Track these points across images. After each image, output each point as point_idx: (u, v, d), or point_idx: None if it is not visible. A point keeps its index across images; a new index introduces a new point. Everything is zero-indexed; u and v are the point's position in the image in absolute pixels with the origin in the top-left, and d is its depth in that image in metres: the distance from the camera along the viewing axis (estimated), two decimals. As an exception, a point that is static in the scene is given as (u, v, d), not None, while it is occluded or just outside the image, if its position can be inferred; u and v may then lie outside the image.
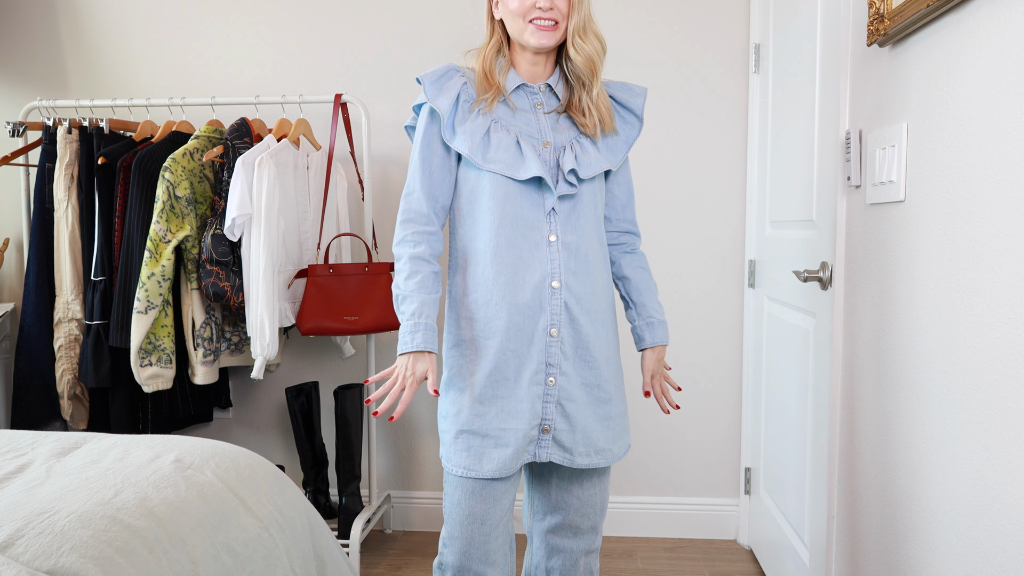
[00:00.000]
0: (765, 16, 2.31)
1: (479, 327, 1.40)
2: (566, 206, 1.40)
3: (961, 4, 1.08)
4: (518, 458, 1.38)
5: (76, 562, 1.04)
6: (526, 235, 1.38)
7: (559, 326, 1.39)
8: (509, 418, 1.37)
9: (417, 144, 1.42)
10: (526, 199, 1.39)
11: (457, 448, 1.40)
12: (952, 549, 1.12)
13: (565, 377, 1.39)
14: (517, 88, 1.44)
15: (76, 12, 2.71)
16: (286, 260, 2.30)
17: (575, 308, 1.40)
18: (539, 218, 1.39)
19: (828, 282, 1.69)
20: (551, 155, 1.41)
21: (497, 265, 1.38)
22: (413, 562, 2.44)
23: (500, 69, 1.43)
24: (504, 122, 1.40)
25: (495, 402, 1.38)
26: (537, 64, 1.44)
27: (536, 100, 1.44)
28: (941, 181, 1.16)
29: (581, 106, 1.43)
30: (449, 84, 1.40)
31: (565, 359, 1.39)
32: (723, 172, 2.50)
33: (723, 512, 2.58)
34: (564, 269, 1.39)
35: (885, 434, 1.37)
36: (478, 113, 1.39)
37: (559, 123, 1.44)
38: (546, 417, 1.39)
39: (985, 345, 1.03)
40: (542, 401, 1.39)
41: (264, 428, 2.74)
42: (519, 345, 1.38)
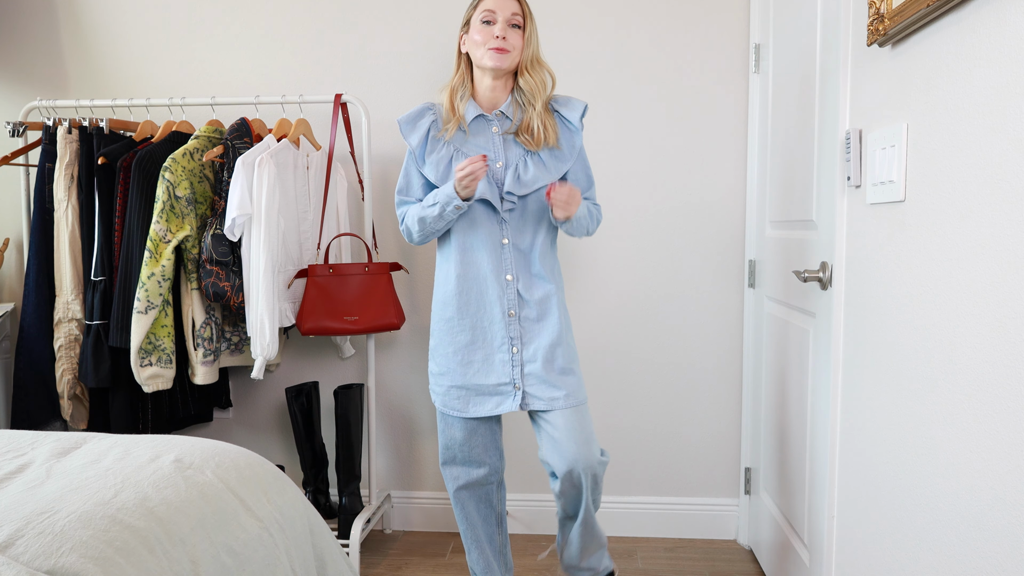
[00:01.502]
0: (765, 16, 2.31)
1: (456, 310, 1.81)
2: (514, 215, 1.80)
3: (961, 4, 1.08)
4: (497, 406, 1.82)
5: (76, 562, 1.04)
6: (485, 240, 1.79)
7: (515, 308, 1.80)
8: (484, 377, 1.81)
9: (405, 162, 1.86)
10: (483, 212, 1.78)
11: (450, 397, 1.85)
12: (952, 549, 1.12)
13: (524, 347, 1.80)
14: (476, 118, 1.81)
15: (76, 12, 2.71)
16: (286, 260, 2.30)
17: (525, 293, 1.80)
18: (494, 226, 1.79)
19: (828, 282, 1.69)
20: (502, 173, 1.78)
21: (465, 263, 1.80)
22: (413, 562, 2.44)
23: (462, 97, 1.80)
24: (463, 148, 1.79)
25: (473, 365, 1.81)
26: (495, 89, 1.80)
27: (492, 125, 1.81)
28: (941, 181, 1.16)
29: (531, 126, 1.78)
30: (420, 123, 1.81)
31: (524, 332, 1.80)
32: (723, 172, 2.50)
33: (723, 512, 2.58)
34: (515, 265, 1.80)
35: (885, 434, 1.37)
36: (442, 143, 1.79)
37: (511, 143, 1.81)
38: (515, 377, 1.80)
39: (985, 345, 1.03)
40: (510, 365, 1.80)
41: (264, 428, 2.74)
42: (488, 323, 1.81)
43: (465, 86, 1.80)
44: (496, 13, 1.73)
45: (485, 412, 1.83)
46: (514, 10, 1.74)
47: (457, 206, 1.70)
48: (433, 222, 1.75)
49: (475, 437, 1.88)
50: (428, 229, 1.78)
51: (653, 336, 2.57)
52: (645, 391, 2.59)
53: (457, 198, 1.68)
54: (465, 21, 1.79)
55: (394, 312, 2.34)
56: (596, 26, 2.50)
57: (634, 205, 2.53)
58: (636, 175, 2.52)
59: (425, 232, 1.79)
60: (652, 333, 2.57)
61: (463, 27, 1.80)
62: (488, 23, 1.74)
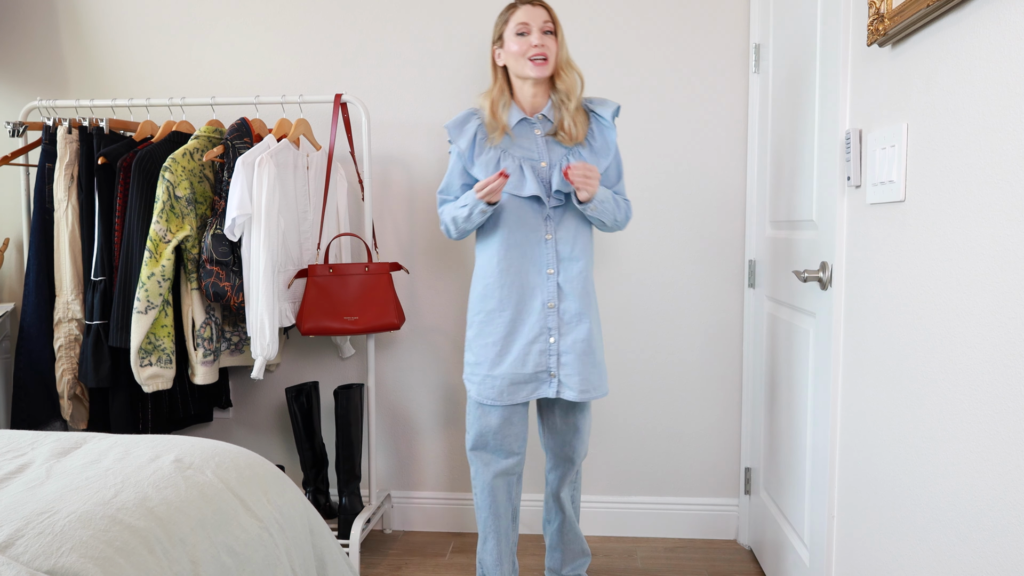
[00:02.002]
0: (765, 16, 2.31)
1: (498, 301, 1.89)
2: (558, 211, 1.89)
3: (961, 4, 1.08)
4: (532, 391, 1.90)
5: (76, 562, 1.04)
6: (529, 235, 1.88)
7: (555, 300, 1.88)
8: (522, 366, 1.88)
9: (450, 164, 1.96)
10: (529, 208, 1.87)
11: (485, 387, 1.91)
12: (952, 549, 1.12)
13: (561, 337, 1.89)
14: (520, 122, 1.91)
15: (76, 12, 2.71)
16: (286, 260, 2.30)
17: (565, 287, 1.89)
18: (539, 222, 1.88)
19: (828, 282, 1.69)
20: (547, 172, 1.88)
21: (509, 257, 1.88)
22: (413, 562, 2.44)
23: (503, 106, 1.89)
24: (510, 151, 1.89)
25: (511, 354, 1.89)
26: (537, 95, 1.90)
27: (535, 128, 1.91)
28: (941, 181, 1.16)
29: (565, 125, 1.88)
30: (466, 128, 1.90)
31: (561, 323, 1.89)
32: (723, 172, 2.50)
33: (723, 512, 2.58)
34: (556, 259, 1.89)
35: (885, 434, 1.37)
36: (489, 147, 1.89)
37: (552, 144, 1.90)
38: (550, 366, 1.89)
39: (985, 345, 1.03)
40: (545, 355, 1.89)
41: (264, 428, 2.74)
42: (526, 315, 1.89)
43: (505, 96, 1.90)
44: (529, 24, 1.83)
45: (521, 398, 1.90)
46: (545, 18, 1.84)
47: (482, 210, 1.82)
48: (464, 222, 1.86)
49: (509, 426, 1.94)
50: (461, 227, 1.89)
51: (653, 336, 2.57)
52: (645, 391, 2.58)
53: (482, 204, 1.81)
54: (498, 36, 1.89)
55: (394, 312, 2.34)
56: (596, 26, 2.50)
57: (634, 205, 2.53)
58: (636, 175, 2.52)
59: (459, 229, 1.90)
60: (652, 333, 2.57)
61: (496, 42, 1.89)
62: (523, 34, 1.83)
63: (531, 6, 1.85)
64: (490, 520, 2.01)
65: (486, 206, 1.81)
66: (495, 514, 2.00)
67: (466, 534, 2.66)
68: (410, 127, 2.60)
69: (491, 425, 1.93)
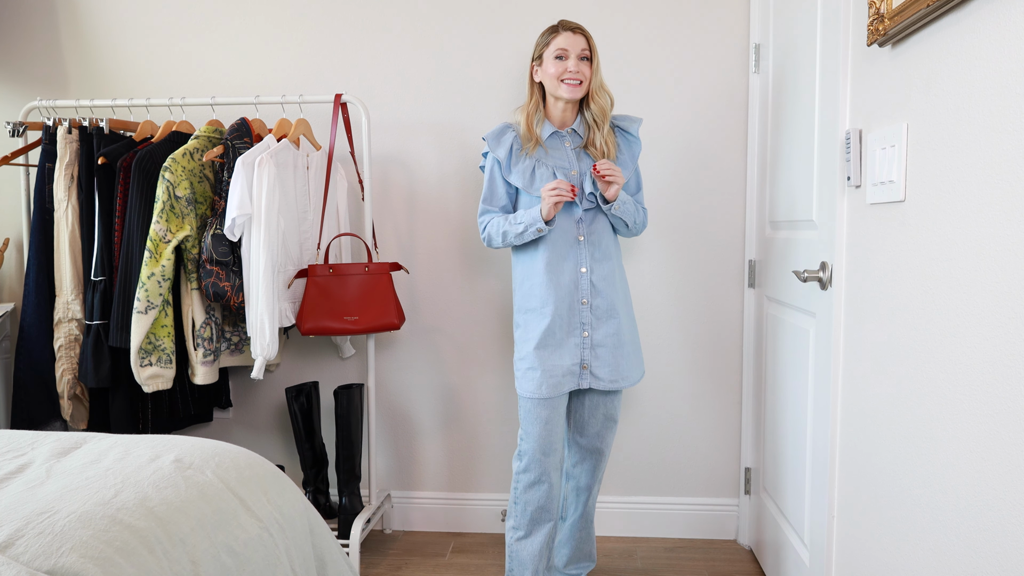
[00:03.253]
0: (765, 16, 2.31)
1: (536, 301, 2.01)
2: (589, 215, 2.01)
3: (961, 4, 1.08)
4: (567, 385, 2.00)
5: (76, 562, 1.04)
6: (563, 237, 2.00)
7: (588, 297, 2.01)
8: (559, 359, 1.99)
9: (487, 175, 2.08)
10: (562, 212, 2.00)
11: (527, 379, 2.01)
12: (952, 549, 1.12)
13: (594, 330, 2.01)
14: (551, 135, 2.05)
15: (76, 12, 2.71)
16: (286, 260, 2.30)
17: (599, 284, 2.01)
18: (571, 225, 2.01)
19: (828, 282, 1.69)
20: (578, 179, 2.01)
21: (546, 258, 2.00)
22: (413, 562, 2.44)
23: (537, 121, 2.04)
24: (544, 160, 2.02)
25: (548, 348, 1.99)
26: (567, 112, 2.05)
27: (565, 140, 2.05)
28: (941, 181, 1.16)
29: (596, 143, 2.03)
30: (504, 139, 2.04)
31: (595, 318, 2.01)
32: (723, 172, 2.50)
33: (723, 512, 2.58)
34: (589, 258, 2.01)
35: (885, 434, 1.37)
36: (525, 156, 2.03)
37: (581, 155, 2.05)
38: (584, 358, 2.01)
39: (985, 345, 1.03)
40: (580, 348, 2.00)
41: (264, 428, 2.74)
42: (563, 311, 2.00)
43: (539, 111, 2.05)
44: (568, 50, 1.97)
45: (563, 390, 2.00)
46: (583, 46, 1.98)
47: (539, 229, 1.94)
48: (516, 237, 1.99)
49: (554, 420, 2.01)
50: (509, 241, 2.02)
51: (653, 335, 2.57)
52: (645, 390, 2.58)
53: (541, 221, 1.93)
54: (538, 55, 2.02)
55: (394, 312, 2.34)
56: (595, 26, 2.49)
57: (634, 205, 2.53)
58: (636, 175, 2.52)
59: (506, 242, 2.03)
60: (652, 332, 2.57)
61: (535, 60, 2.03)
62: (561, 58, 1.97)
63: (572, 33, 1.98)
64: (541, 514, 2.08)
65: (543, 225, 1.94)
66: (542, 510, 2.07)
67: (466, 534, 2.66)
68: (410, 127, 2.60)
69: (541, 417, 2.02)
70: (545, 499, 2.05)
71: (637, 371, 2.08)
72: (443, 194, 2.60)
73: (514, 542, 2.07)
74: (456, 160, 2.58)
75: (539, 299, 2.02)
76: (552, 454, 2.03)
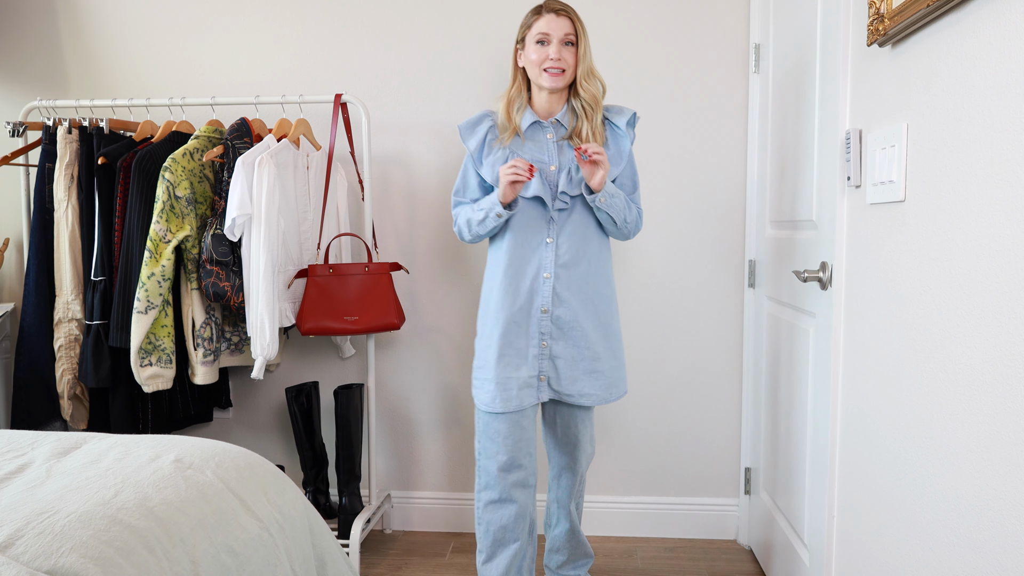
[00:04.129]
0: (765, 16, 2.31)
1: (493, 305, 1.88)
2: (562, 215, 1.86)
3: (961, 4, 1.08)
4: (526, 398, 1.87)
5: (76, 562, 1.04)
6: (530, 238, 1.85)
7: (549, 305, 1.86)
8: (515, 370, 1.86)
9: (462, 165, 1.97)
10: (533, 211, 1.85)
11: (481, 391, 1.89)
12: (952, 549, 1.12)
13: (555, 341, 1.87)
14: (532, 125, 1.89)
15: (76, 12, 2.71)
16: (286, 260, 2.30)
17: (564, 293, 1.86)
18: (541, 225, 1.86)
19: (828, 282, 1.69)
20: (556, 176, 1.84)
21: (508, 259, 1.86)
22: (413, 562, 2.44)
23: (518, 108, 1.88)
24: (519, 152, 1.87)
25: (505, 358, 1.86)
26: (552, 101, 1.88)
27: (547, 132, 1.89)
28: (941, 181, 1.16)
29: (582, 133, 1.85)
30: (478, 128, 1.90)
31: (556, 329, 1.87)
32: (723, 172, 2.50)
33: (723, 512, 2.58)
34: (555, 263, 1.85)
35: (885, 434, 1.37)
36: (499, 147, 1.87)
37: (564, 147, 1.87)
38: (542, 369, 1.88)
39: (985, 345, 1.03)
40: (538, 359, 1.87)
41: (264, 428, 2.74)
42: (521, 318, 1.86)
43: (522, 96, 1.89)
44: (550, 35, 1.81)
45: (516, 405, 1.85)
46: (567, 30, 1.81)
47: (498, 213, 1.79)
48: (478, 225, 1.85)
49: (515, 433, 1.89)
50: (475, 231, 1.88)
51: (653, 336, 2.57)
52: (645, 391, 2.58)
53: (499, 206, 1.78)
54: (521, 38, 1.87)
55: (394, 312, 2.34)
56: (596, 26, 2.49)
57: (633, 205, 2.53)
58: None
59: (473, 233, 1.89)
60: (652, 333, 2.57)
61: (518, 43, 1.88)
62: (542, 43, 1.82)
63: (555, 15, 1.82)
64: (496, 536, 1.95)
65: (502, 209, 1.78)
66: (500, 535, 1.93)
67: (466, 534, 2.66)
68: (410, 127, 2.60)
69: (499, 432, 1.89)
70: (510, 519, 1.91)
71: (609, 389, 1.91)
72: (443, 194, 2.60)
73: (480, 565, 1.97)
74: (456, 160, 2.58)
75: (495, 303, 1.87)
76: (515, 470, 1.89)
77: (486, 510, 1.92)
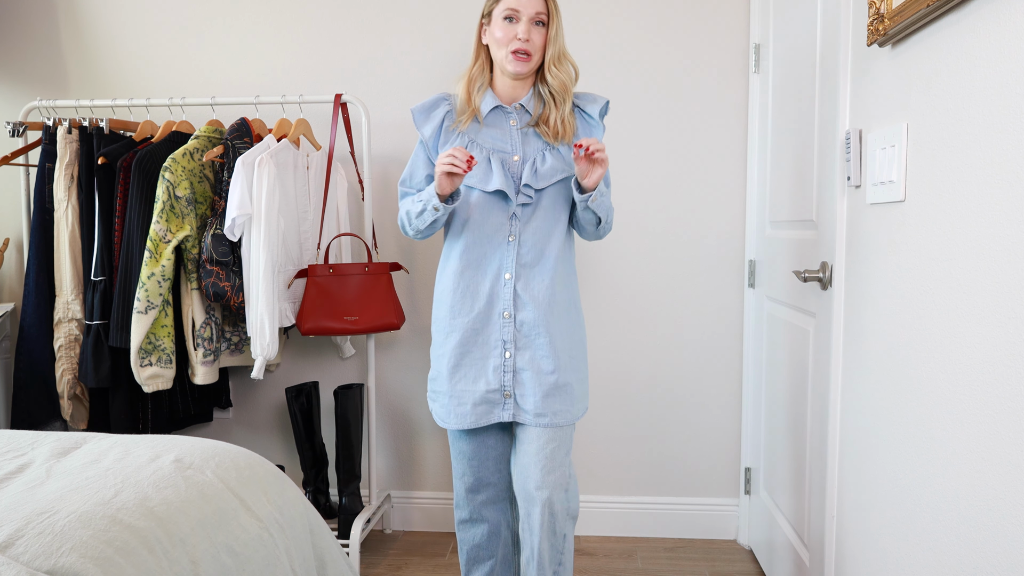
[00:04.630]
0: (765, 16, 2.31)
1: (449, 308, 1.70)
2: (526, 211, 1.68)
3: (961, 4, 1.08)
4: (483, 416, 1.68)
5: (76, 562, 1.04)
6: (490, 235, 1.68)
7: (510, 310, 1.67)
8: (472, 383, 1.68)
9: (414, 152, 1.80)
10: (494, 206, 1.68)
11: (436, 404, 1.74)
12: (952, 549, 1.12)
13: (519, 351, 1.67)
14: (493, 109, 1.72)
15: (76, 12, 2.71)
16: (286, 260, 2.30)
17: (524, 295, 1.67)
18: (503, 221, 1.68)
19: (828, 282, 1.69)
20: (519, 168, 1.68)
21: (466, 260, 1.69)
22: (413, 562, 2.44)
23: (479, 88, 1.71)
24: (478, 140, 1.69)
25: (461, 369, 1.69)
26: (516, 87, 1.71)
27: (511, 119, 1.72)
28: (941, 181, 1.16)
29: (550, 121, 1.68)
30: (434, 113, 1.72)
31: (521, 336, 1.67)
32: (723, 172, 2.50)
33: (723, 512, 2.58)
34: (517, 263, 1.67)
35: (885, 434, 1.37)
36: (456, 134, 1.70)
37: (529, 136, 1.70)
38: (505, 384, 1.68)
39: (985, 345, 1.03)
40: (500, 371, 1.67)
41: (264, 428, 2.74)
42: (481, 325, 1.68)
43: (484, 75, 1.71)
44: (520, 12, 1.63)
45: (468, 423, 1.69)
46: (539, 8, 1.63)
47: (435, 207, 1.60)
48: (416, 219, 1.66)
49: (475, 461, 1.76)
50: (414, 225, 1.68)
51: (653, 336, 2.57)
52: (645, 391, 2.58)
53: (435, 198, 1.59)
54: (486, 12, 1.69)
55: (394, 312, 2.34)
56: (594, 25, 2.50)
57: (634, 205, 2.53)
58: (636, 175, 2.52)
59: (413, 227, 1.69)
60: (652, 333, 2.57)
61: (483, 17, 1.70)
62: (510, 20, 1.63)
63: None
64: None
65: (439, 202, 1.59)
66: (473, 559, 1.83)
67: (466, 534, 2.65)
68: (410, 127, 2.60)
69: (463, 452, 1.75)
70: (482, 538, 1.80)
71: (576, 406, 1.71)
72: (443, 194, 2.60)
73: None
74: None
75: (448, 307, 1.70)
76: (483, 489, 1.77)
77: (459, 528, 1.83)
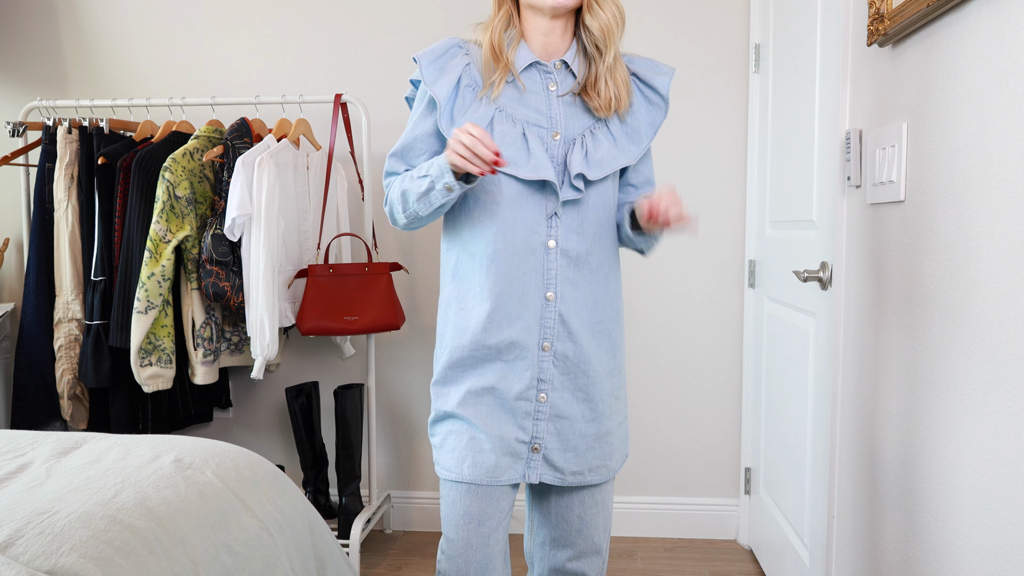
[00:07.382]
0: (765, 16, 2.31)
1: (473, 336, 1.29)
2: (570, 210, 1.28)
3: (961, 4, 1.08)
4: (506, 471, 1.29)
5: (76, 562, 1.04)
6: (525, 240, 1.26)
7: (552, 340, 1.28)
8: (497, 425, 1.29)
9: (412, 114, 1.34)
10: (528, 200, 1.26)
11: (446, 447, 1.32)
12: (953, 549, 1.12)
13: (557, 393, 1.29)
14: (529, 67, 1.28)
15: (76, 12, 2.71)
16: (286, 260, 2.30)
17: (572, 321, 1.29)
18: (539, 221, 1.27)
19: (828, 282, 1.69)
20: (560, 149, 1.27)
21: (493, 273, 1.26)
22: (413, 562, 2.44)
23: (510, 42, 1.27)
24: (510, 110, 1.26)
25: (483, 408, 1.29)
26: (552, 33, 1.28)
27: (549, 81, 1.29)
28: (941, 181, 1.16)
29: (597, 83, 1.27)
30: (450, 65, 1.28)
31: (559, 374, 1.29)
32: (723, 172, 2.50)
33: (723, 512, 2.58)
34: (561, 279, 1.28)
35: (886, 434, 1.37)
36: (480, 99, 1.26)
37: (574, 108, 1.29)
38: (536, 435, 1.30)
39: (985, 345, 1.03)
40: (532, 418, 1.29)
41: (264, 428, 2.74)
42: (514, 358, 1.28)
43: (514, 26, 1.28)
44: None
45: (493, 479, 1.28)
46: None
47: (447, 185, 1.18)
48: (418, 201, 1.24)
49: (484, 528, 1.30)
50: (412, 209, 1.25)
51: (653, 336, 2.57)
52: (645, 391, 2.58)
53: (449, 174, 1.17)
54: None
55: (394, 312, 2.34)
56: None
57: (634, 205, 2.53)
58: (636, 175, 2.52)
59: (409, 213, 1.27)
60: (652, 333, 2.57)
61: None
62: None
63: None
64: None
65: (452, 180, 1.18)
66: None
67: (466, 534, 2.65)
68: (410, 127, 2.60)
69: (455, 514, 1.30)
70: None
71: (620, 451, 1.38)
72: (443, 194, 2.60)
73: None
74: (456, 160, 2.58)
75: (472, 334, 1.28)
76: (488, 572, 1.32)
77: None
